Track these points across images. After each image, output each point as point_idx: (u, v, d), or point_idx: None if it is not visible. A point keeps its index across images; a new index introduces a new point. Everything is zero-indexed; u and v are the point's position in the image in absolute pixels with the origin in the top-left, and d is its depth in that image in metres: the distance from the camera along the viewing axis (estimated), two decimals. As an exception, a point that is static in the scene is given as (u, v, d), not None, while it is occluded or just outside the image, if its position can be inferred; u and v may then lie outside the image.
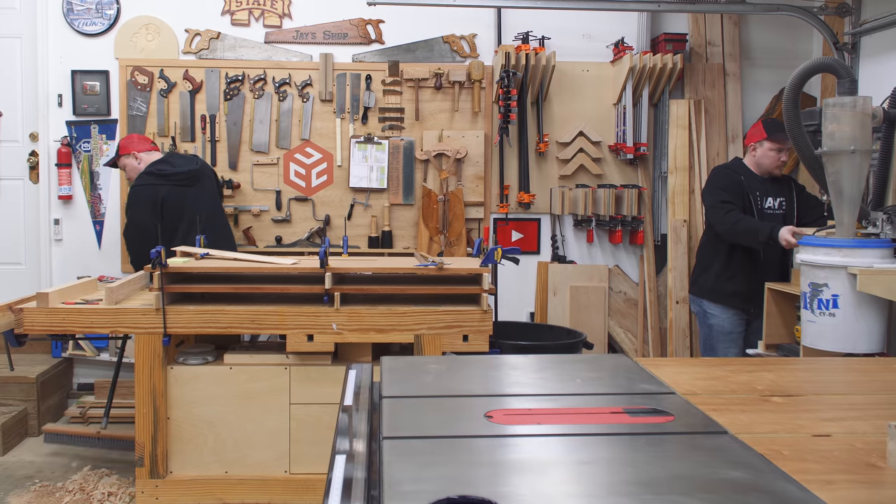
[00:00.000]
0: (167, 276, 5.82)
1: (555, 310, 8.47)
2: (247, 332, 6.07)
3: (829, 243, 5.20)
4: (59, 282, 8.25)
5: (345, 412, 2.77)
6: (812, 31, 8.48)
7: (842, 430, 2.65)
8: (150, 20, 8.33)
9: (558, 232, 8.70)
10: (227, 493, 6.01)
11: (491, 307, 6.03)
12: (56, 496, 6.41)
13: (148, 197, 7.09)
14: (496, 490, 2.04)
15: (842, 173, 5.19)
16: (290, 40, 8.46)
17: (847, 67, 5.51)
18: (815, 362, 4.38)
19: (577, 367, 3.40)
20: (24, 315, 5.80)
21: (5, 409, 7.63)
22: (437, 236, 8.37)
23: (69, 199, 8.42)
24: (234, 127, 8.38)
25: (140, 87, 8.29)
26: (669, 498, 2.02)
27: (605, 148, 8.60)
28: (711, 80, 8.58)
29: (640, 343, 8.54)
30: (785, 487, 2.09)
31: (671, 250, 8.43)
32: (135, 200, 7.14)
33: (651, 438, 2.47)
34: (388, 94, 8.46)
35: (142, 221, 6.98)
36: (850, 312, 5.10)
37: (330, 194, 8.48)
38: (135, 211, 7.11)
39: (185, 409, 6.00)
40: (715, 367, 3.52)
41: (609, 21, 8.55)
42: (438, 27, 8.52)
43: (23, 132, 8.55)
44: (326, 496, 2.16)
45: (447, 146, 8.40)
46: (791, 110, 5.48)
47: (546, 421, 2.65)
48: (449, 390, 3.04)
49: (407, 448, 2.37)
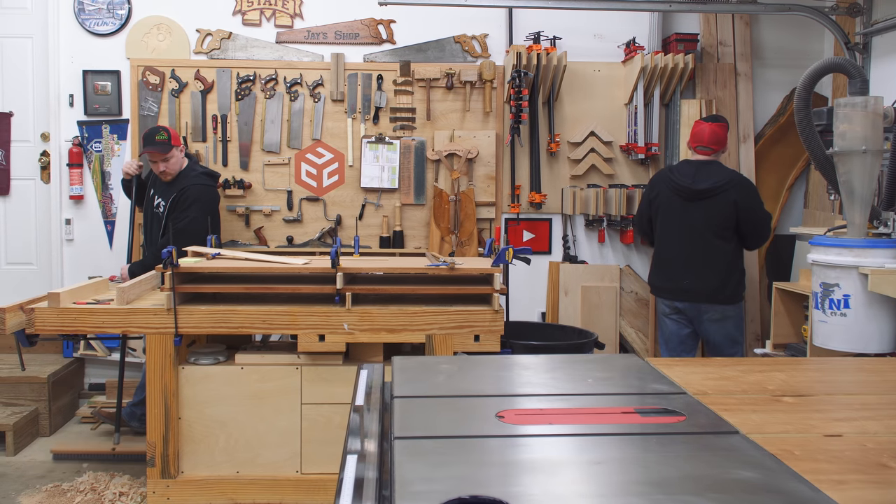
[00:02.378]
0: (178, 276, 5.83)
1: (566, 310, 8.46)
2: (258, 332, 6.08)
3: (841, 243, 5.19)
4: (71, 282, 8.26)
5: (356, 412, 2.77)
6: (823, 31, 8.47)
7: (853, 430, 2.65)
8: (161, 20, 8.34)
9: (569, 232, 8.69)
10: (239, 493, 6.01)
11: (502, 307, 6.03)
12: (67, 496, 6.42)
13: (216, 196, 7.51)
14: (508, 490, 2.05)
15: (853, 173, 5.18)
16: (302, 40, 8.46)
17: (858, 67, 5.50)
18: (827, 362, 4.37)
19: (588, 367, 3.40)
20: (35, 315, 5.81)
21: (17, 409, 7.64)
22: (448, 236, 8.37)
23: (80, 199, 8.44)
24: (246, 127, 8.39)
25: (151, 87, 8.30)
26: (681, 498, 2.02)
27: (616, 148, 8.60)
28: (723, 80, 8.56)
29: (652, 343, 8.52)
30: (796, 487, 2.09)
31: (682, 250, 8.42)
32: (209, 198, 7.45)
33: (662, 438, 2.47)
34: (400, 94, 8.47)
35: (206, 218, 7.17)
36: (862, 312, 5.10)
37: (341, 194, 8.49)
38: (208, 207, 7.37)
39: (196, 409, 6.01)
40: (726, 367, 3.51)
41: (620, 21, 8.54)
42: (450, 27, 8.52)
43: (34, 132, 8.57)
44: (338, 496, 2.16)
45: (458, 146, 8.40)
46: (802, 110, 5.47)
47: (557, 421, 2.65)
48: (460, 390, 3.05)
49: (418, 448, 2.37)
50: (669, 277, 7.16)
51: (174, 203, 7.21)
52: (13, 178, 8.59)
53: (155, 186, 7.51)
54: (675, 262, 7.18)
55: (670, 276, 7.16)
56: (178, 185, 7.31)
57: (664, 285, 7.23)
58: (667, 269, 7.24)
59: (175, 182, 7.35)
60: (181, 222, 7.14)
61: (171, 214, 7.23)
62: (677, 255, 7.16)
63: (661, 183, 7.28)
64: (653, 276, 7.45)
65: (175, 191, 7.26)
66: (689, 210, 7.06)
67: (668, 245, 7.26)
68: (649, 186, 7.48)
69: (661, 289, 7.31)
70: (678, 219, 7.12)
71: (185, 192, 7.23)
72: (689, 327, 7.27)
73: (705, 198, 6.99)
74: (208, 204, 7.37)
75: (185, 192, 7.23)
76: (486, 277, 6.13)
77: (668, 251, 7.25)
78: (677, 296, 7.14)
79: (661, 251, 7.34)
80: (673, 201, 7.14)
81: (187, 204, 7.21)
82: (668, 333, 7.36)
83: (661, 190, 7.25)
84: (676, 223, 7.14)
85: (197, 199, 7.25)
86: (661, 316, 7.41)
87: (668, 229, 7.22)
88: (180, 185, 7.29)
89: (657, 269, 7.37)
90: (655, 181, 7.41)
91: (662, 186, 7.25)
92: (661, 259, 7.32)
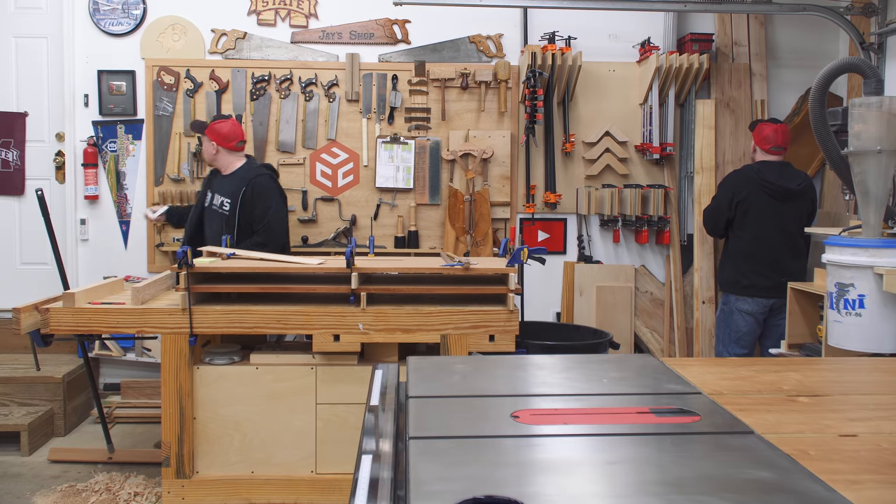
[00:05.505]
0: (193, 276, 5.84)
1: (581, 310, 8.46)
2: (273, 332, 6.10)
3: (856, 243, 5.18)
4: (86, 282, 8.26)
5: (371, 412, 2.77)
6: (838, 31, 8.45)
7: (868, 430, 2.64)
8: (176, 20, 8.36)
9: (584, 232, 8.69)
10: (254, 493, 6.02)
11: (517, 307, 6.02)
12: (82, 496, 6.44)
13: (281, 191, 7.53)
14: (523, 490, 2.04)
15: (868, 173, 5.16)
16: (317, 40, 8.47)
17: (873, 67, 5.48)
18: (842, 362, 4.36)
19: (603, 367, 3.40)
20: (50, 315, 5.84)
21: (31, 409, 7.66)
22: (463, 236, 8.37)
23: (95, 200, 8.46)
24: (261, 127, 8.40)
25: (166, 87, 8.32)
26: (696, 498, 2.02)
27: (631, 148, 8.59)
28: (738, 80, 8.55)
29: (667, 343, 8.52)
30: (811, 487, 2.09)
31: (697, 250, 8.42)
32: (280, 192, 7.49)
33: (677, 438, 2.47)
34: (415, 94, 8.47)
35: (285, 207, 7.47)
36: (877, 312, 5.08)
37: (356, 194, 8.50)
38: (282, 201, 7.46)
39: (211, 409, 6.02)
40: (741, 367, 3.51)
41: (635, 21, 8.53)
42: (465, 27, 8.52)
43: (49, 132, 8.60)
44: (353, 496, 2.16)
45: (473, 146, 8.40)
46: (817, 110, 5.45)
47: (572, 421, 2.65)
48: (475, 390, 3.04)
49: (433, 448, 2.37)
50: (764, 275, 7.24)
51: (245, 198, 7.17)
52: (28, 178, 8.62)
53: (211, 186, 7.48)
54: (769, 260, 7.33)
55: (765, 274, 7.25)
56: (240, 179, 7.26)
57: (757, 283, 7.30)
58: (760, 267, 7.34)
59: (236, 177, 7.31)
60: (266, 217, 7.20)
61: (246, 212, 7.20)
62: (771, 253, 7.32)
63: (748, 184, 7.38)
64: (735, 275, 7.51)
65: (241, 186, 7.21)
66: (781, 209, 7.29)
67: (760, 244, 7.37)
68: (730, 189, 7.48)
69: (752, 287, 7.36)
70: (772, 218, 7.31)
71: (253, 184, 7.19)
72: (762, 326, 7.42)
73: (797, 197, 7.30)
74: (280, 193, 7.44)
75: (254, 185, 7.20)
76: (501, 277, 6.14)
77: (761, 250, 7.36)
78: (772, 293, 7.26)
79: (750, 250, 7.42)
80: (765, 201, 7.32)
81: (264, 196, 7.23)
82: (742, 332, 7.46)
83: (749, 191, 7.36)
84: (771, 222, 7.32)
85: (273, 194, 7.31)
86: (740, 314, 7.46)
87: (762, 228, 7.35)
88: (244, 178, 7.25)
89: (745, 267, 7.44)
90: (738, 183, 7.46)
91: (751, 187, 7.36)
92: (752, 258, 7.40)
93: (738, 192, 7.39)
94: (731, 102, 8.50)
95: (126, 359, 8.47)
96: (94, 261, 8.54)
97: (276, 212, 7.21)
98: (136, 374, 8.55)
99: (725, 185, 7.59)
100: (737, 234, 7.47)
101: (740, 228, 7.42)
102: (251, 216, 7.18)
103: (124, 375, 8.55)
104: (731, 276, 7.53)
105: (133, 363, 8.46)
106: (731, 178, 7.57)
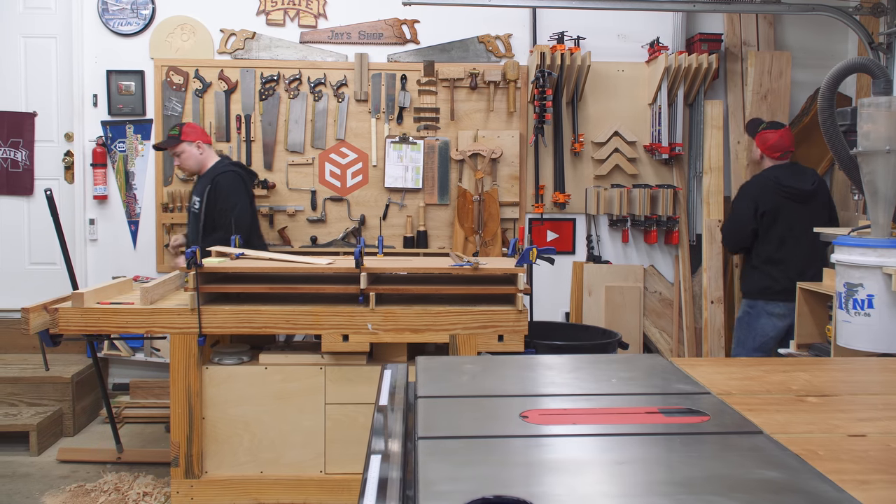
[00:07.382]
0: (202, 276, 5.84)
1: (590, 310, 8.46)
2: (282, 332, 6.10)
3: (864, 243, 5.17)
4: (95, 282, 8.29)
5: (380, 412, 2.77)
6: (847, 32, 8.45)
7: (877, 430, 2.64)
8: (185, 20, 8.37)
9: (593, 232, 8.69)
10: (263, 493, 6.02)
11: (526, 307, 6.02)
12: (91, 496, 6.45)
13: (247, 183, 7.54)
14: (531, 490, 2.04)
15: (877, 173, 5.15)
16: (326, 40, 8.48)
17: (882, 67, 5.47)
18: (850, 362, 4.35)
19: (612, 367, 3.39)
20: (59, 315, 5.84)
21: (40, 409, 7.67)
22: (472, 236, 8.37)
23: (104, 200, 8.47)
24: (270, 127, 8.41)
25: (175, 87, 8.33)
26: (705, 498, 2.02)
27: (640, 148, 8.59)
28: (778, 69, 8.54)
29: (676, 343, 8.52)
30: (820, 487, 2.08)
31: (706, 250, 8.42)
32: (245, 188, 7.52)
33: (686, 438, 2.47)
34: (424, 94, 8.48)
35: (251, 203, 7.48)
36: (886, 312, 5.07)
37: (365, 194, 8.50)
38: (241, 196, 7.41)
39: (220, 408, 6.02)
40: (750, 367, 3.50)
41: (644, 21, 8.53)
42: (473, 27, 8.52)
43: (58, 132, 8.62)
44: (362, 496, 2.16)
45: (482, 146, 8.40)
46: (826, 110, 5.44)
47: (581, 421, 2.64)
48: (484, 390, 3.04)
49: (442, 448, 2.37)
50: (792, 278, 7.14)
51: (210, 196, 7.23)
52: (37, 178, 8.64)
53: (194, 188, 7.56)
54: (798, 262, 7.33)
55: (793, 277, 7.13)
56: (207, 178, 7.35)
57: (789, 287, 7.13)
58: (790, 272, 7.28)
59: (205, 176, 7.39)
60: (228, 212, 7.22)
61: (210, 209, 7.25)
62: (800, 255, 7.34)
63: (769, 193, 7.40)
64: (766, 281, 7.48)
65: (207, 183, 7.27)
66: (803, 211, 7.31)
67: (788, 248, 7.39)
68: (752, 200, 7.46)
69: (785, 291, 7.25)
70: (796, 221, 7.33)
71: (216, 182, 7.25)
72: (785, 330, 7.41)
73: (814, 198, 7.37)
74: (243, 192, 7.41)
75: (217, 182, 7.25)
76: (510, 277, 6.13)
77: (790, 254, 7.38)
78: None
79: (779, 255, 7.43)
80: (788, 206, 7.35)
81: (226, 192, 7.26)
82: (769, 337, 7.46)
83: (772, 199, 7.38)
84: (796, 225, 7.33)
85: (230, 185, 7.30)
86: (769, 318, 7.45)
87: (789, 233, 7.38)
88: (210, 176, 7.32)
89: (775, 272, 7.42)
90: (759, 193, 7.46)
91: (773, 196, 7.37)
92: (782, 262, 7.41)
93: (762, 203, 7.37)
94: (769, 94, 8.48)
95: (135, 359, 8.49)
96: (103, 261, 8.55)
97: (236, 207, 7.25)
98: (144, 374, 8.56)
99: (745, 198, 7.56)
100: (762, 242, 7.46)
101: (766, 236, 7.41)
102: (214, 211, 7.26)
103: (133, 375, 8.56)
104: (760, 283, 7.49)
105: (142, 363, 8.47)
106: (750, 191, 7.55)
